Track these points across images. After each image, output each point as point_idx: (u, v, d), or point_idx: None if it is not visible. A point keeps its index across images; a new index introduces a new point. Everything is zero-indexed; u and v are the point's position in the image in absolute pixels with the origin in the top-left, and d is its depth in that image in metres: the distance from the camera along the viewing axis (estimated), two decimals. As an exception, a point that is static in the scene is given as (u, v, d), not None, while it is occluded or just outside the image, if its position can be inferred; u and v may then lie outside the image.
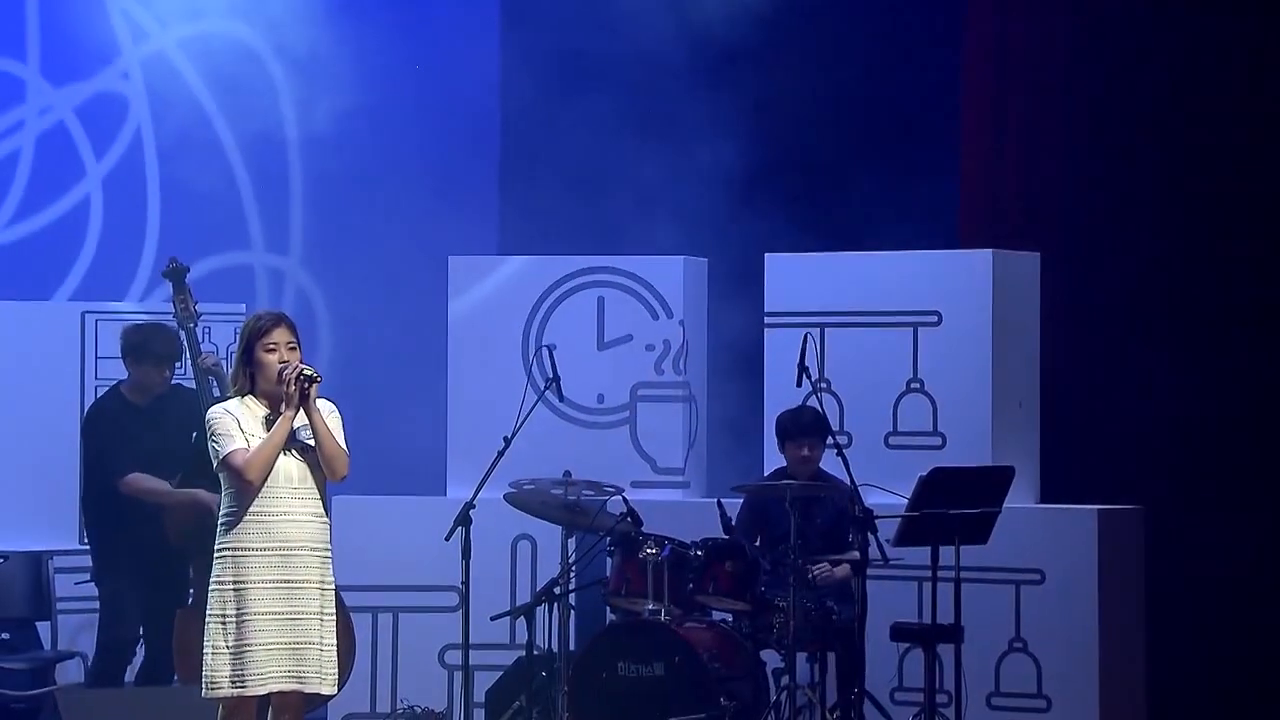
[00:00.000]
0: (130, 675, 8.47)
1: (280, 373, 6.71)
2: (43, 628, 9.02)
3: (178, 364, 8.46)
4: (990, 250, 8.88)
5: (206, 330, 8.75)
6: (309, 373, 6.69)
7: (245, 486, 6.68)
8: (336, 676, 6.80)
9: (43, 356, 9.44)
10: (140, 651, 8.44)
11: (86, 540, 8.63)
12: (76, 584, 8.84)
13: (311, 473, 6.76)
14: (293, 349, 6.76)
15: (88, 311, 9.58)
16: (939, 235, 9.48)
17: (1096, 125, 9.56)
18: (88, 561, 8.60)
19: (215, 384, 8.33)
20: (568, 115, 10.37)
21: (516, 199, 10.79)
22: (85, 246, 10.27)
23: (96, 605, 8.47)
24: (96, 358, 9.49)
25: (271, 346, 6.75)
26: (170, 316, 8.61)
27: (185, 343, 8.45)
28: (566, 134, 10.39)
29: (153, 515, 8.27)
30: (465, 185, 10.84)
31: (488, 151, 11.00)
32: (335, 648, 6.76)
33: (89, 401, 9.19)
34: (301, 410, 6.71)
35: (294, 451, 6.74)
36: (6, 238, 10.26)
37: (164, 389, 8.43)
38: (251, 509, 6.69)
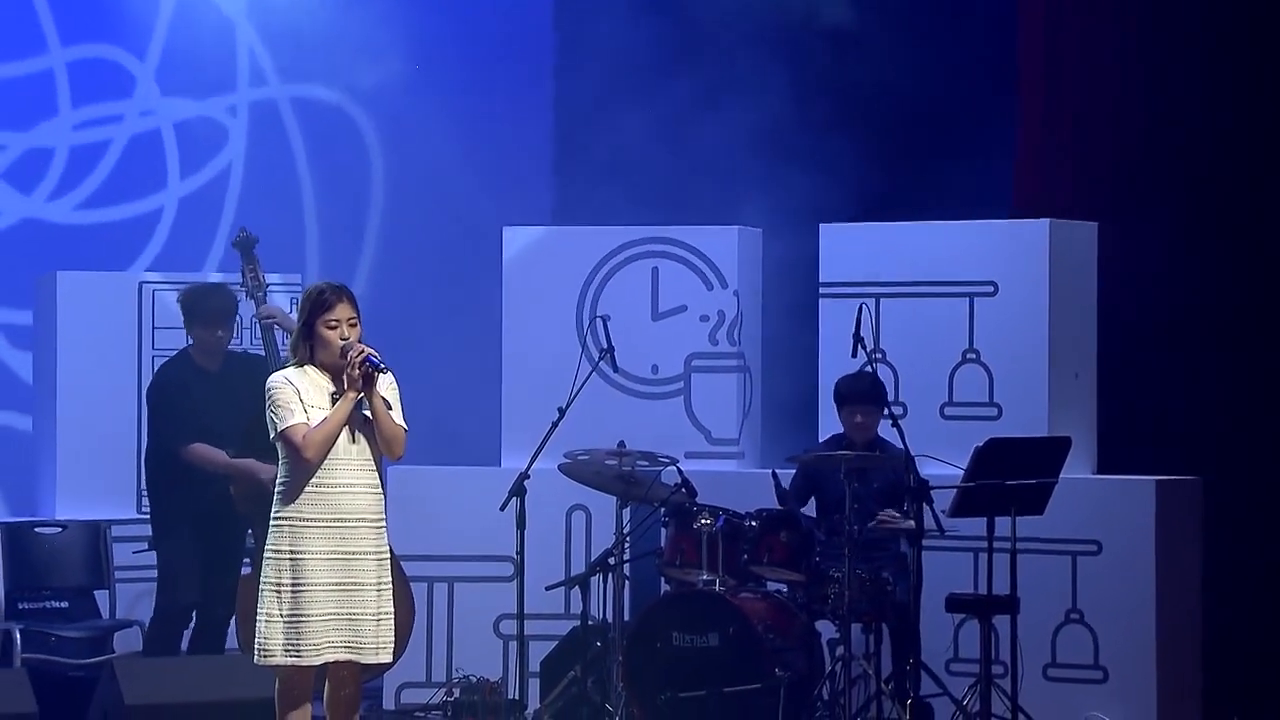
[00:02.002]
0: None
1: (344, 350, 6.70)
2: (101, 597, 9.05)
3: (233, 321, 8.44)
4: (1047, 220, 8.82)
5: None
6: (376, 359, 6.66)
7: (303, 463, 6.69)
8: (393, 645, 6.81)
9: (102, 327, 9.47)
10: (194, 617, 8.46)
11: (147, 505, 8.66)
12: (135, 553, 8.87)
13: (369, 445, 6.76)
14: (353, 325, 6.74)
15: (145, 282, 9.60)
16: (994, 205, 9.43)
17: (1153, 92, 9.48)
18: (146, 530, 8.61)
19: (279, 334, 8.32)
20: (622, 83, 10.33)
21: (570, 169, 10.76)
22: (144, 254, 10.31)
23: (154, 574, 8.50)
24: (154, 328, 9.50)
25: (334, 323, 6.73)
26: (239, 286, 8.61)
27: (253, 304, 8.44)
28: (621, 102, 10.36)
29: (212, 483, 8.27)
30: (519, 155, 10.82)
31: (541, 121, 10.98)
32: (392, 617, 6.77)
33: (146, 372, 9.21)
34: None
35: (353, 425, 6.73)
36: (70, 219, 10.30)
37: (226, 350, 8.40)
38: (311, 480, 6.68)
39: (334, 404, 6.69)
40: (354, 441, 6.71)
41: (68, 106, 10.28)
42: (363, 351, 6.66)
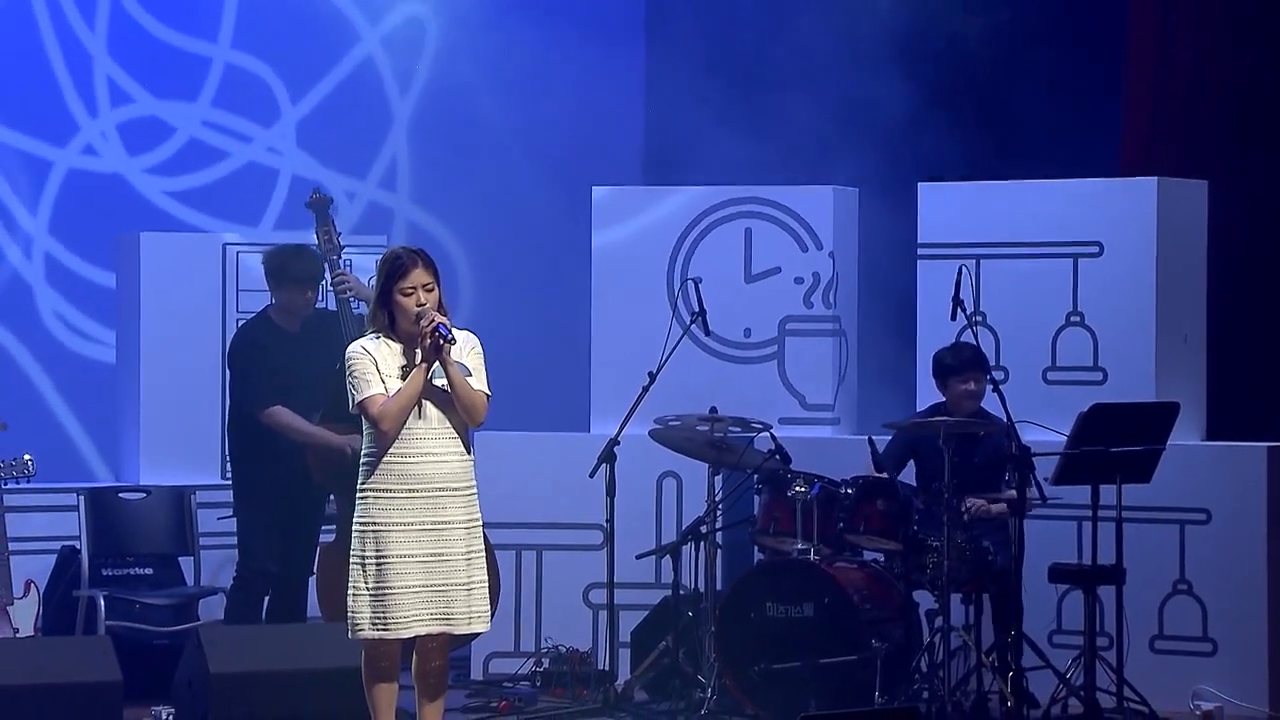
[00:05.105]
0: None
1: (418, 318, 6.57)
2: (185, 563, 9.00)
3: (321, 284, 8.37)
4: (1155, 178, 8.66)
5: (348, 263, 8.66)
6: (446, 327, 6.52)
7: (381, 435, 6.60)
8: (487, 614, 6.71)
9: (186, 289, 9.41)
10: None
11: (229, 471, 8.60)
12: (219, 519, 8.81)
13: (450, 412, 6.65)
14: (430, 290, 6.62)
15: (229, 244, 9.53)
16: (1101, 163, 9.24)
17: (1265, 49, 9.29)
18: (230, 497, 8.56)
19: (355, 302, 8.23)
20: (717, 39, 10.19)
21: (661, 128, 10.65)
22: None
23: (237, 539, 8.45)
24: (239, 290, 9.43)
25: (409, 290, 6.61)
26: (314, 248, 8.51)
27: (327, 267, 8.36)
28: (713, 60, 10.22)
29: (292, 449, 8.20)
30: (609, 114, 10.71)
31: (632, 80, 10.87)
32: (486, 585, 6.68)
33: (230, 335, 9.13)
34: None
35: (429, 395, 6.60)
36: (157, 198, 10.24)
37: (310, 312, 8.34)
38: (391, 451, 6.60)
39: (405, 376, 6.57)
40: (422, 414, 6.57)
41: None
42: (434, 321, 6.54)
